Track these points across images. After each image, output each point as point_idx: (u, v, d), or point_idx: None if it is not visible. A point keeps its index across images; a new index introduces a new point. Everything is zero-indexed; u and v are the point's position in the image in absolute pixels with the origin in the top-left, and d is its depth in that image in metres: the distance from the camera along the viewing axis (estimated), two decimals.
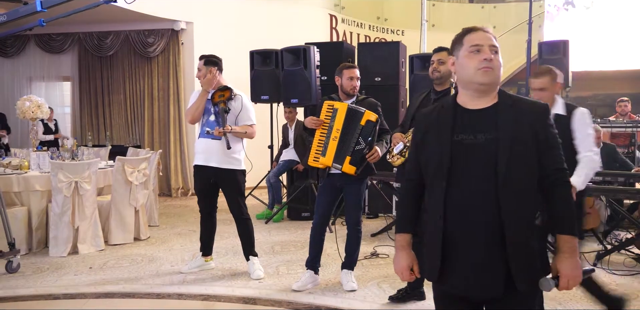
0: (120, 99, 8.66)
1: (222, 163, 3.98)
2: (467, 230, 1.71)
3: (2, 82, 9.08)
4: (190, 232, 5.70)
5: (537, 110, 1.76)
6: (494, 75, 1.74)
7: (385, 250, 4.85)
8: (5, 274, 4.14)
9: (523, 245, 1.69)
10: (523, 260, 1.69)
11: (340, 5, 10.68)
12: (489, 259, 1.70)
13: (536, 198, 1.76)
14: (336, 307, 3.50)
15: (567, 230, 1.74)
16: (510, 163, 1.67)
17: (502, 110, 1.74)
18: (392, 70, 6.60)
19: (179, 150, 8.46)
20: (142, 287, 3.89)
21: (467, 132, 1.75)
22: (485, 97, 1.77)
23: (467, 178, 1.72)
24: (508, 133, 1.70)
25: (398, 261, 1.93)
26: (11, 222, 4.31)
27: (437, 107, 1.89)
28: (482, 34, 1.77)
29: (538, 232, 1.77)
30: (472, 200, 1.71)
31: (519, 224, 1.68)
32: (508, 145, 1.68)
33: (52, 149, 5.44)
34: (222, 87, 4.02)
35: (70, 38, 8.60)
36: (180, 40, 8.34)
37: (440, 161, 1.75)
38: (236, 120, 4.00)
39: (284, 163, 6.68)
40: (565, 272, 1.71)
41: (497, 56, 1.75)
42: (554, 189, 1.76)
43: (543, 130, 1.73)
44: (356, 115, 3.56)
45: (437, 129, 1.81)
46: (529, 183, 1.72)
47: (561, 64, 6.79)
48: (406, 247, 1.92)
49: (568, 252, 1.72)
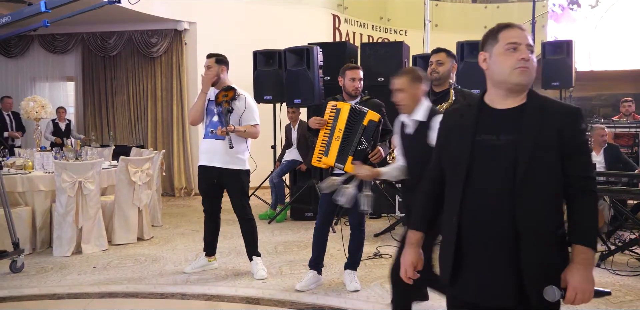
0: (123, 99, 8.68)
1: (226, 163, 3.99)
2: (481, 234, 1.67)
3: (6, 82, 9.10)
4: (194, 232, 5.71)
5: (567, 114, 1.66)
6: (530, 75, 1.67)
7: (389, 251, 4.85)
8: (9, 274, 4.15)
9: (539, 255, 1.62)
10: (538, 270, 1.62)
11: (343, 6, 10.68)
12: (500, 267, 1.64)
13: (558, 206, 1.68)
14: (339, 307, 3.50)
15: (583, 240, 1.64)
16: (530, 167, 1.61)
17: (528, 112, 1.67)
18: (395, 70, 6.40)
19: (182, 150, 8.47)
20: (145, 287, 3.90)
21: (490, 132, 1.69)
22: (515, 97, 1.71)
23: (485, 180, 1.67)
24: (531, 136, 1.63)
25: (404, 257, 1.90)
26: (15, 222, 4.32)
27: (463, 106, 1.84)
28: (519, 32, 1.70)
29: (560, 243, 1.69)
30: (488, 203, 1.66)
31: (535, 231, 1.62)
32: (529, 149, 1.62)
33: (55, 149, 5.46)
34: (226, 87, 4.03)
35: (73, 38, 8.62)
36: (184, 40, 8.36)
37: (459, 161, 1.71)
38: (240, 120, 4.00)
39: (287, 163, 6.69)
40: (574, 284, 1.60)
41: (532, 56, 1.69)
42: (577, 197, 1.67)
43: (571, 136, 1.64)
44: (359, 116, 3.56)
45: (460, 128, 1.76)
46: (550, 189, 1.65)
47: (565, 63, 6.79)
48: (415, 245, 1.89)
49: (581, 263, 1.62)
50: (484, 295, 1.69)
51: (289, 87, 6.17)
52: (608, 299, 3.61)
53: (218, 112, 4.00)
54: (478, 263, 1.68)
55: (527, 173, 1.61)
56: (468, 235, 1.69)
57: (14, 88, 9.04)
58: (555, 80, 6.86)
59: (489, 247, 1.66)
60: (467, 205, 1.69)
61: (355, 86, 3.72)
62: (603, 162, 5.79)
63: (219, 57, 4.08)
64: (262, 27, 8.68)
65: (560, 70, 6.80)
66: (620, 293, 3.76)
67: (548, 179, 1.64)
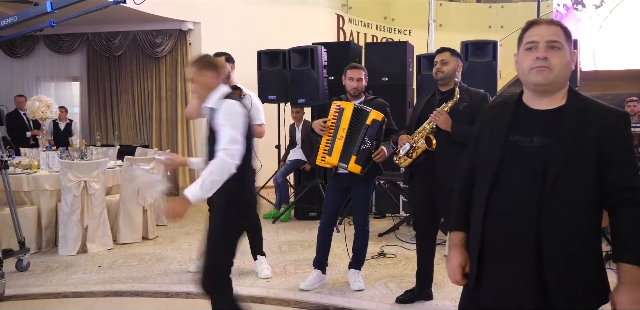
0: (128, 99, 8.70)
1: None
2: (505, 239, 1.60)
3: (11, 82, 9.14)
4: (198, 232, 5.72)
5: (610, 119, 1.55)
6: (550, 75, 1.57)
7: (392, 250, 4.86)
8: (15, 273, 4.17)
9: (564, 268, 1.54)
10: (562, 280, 1.53)
11: (347, 5, 10.69)
12: (522, 273, 1.58)
13: (592, 217, 1.58)
14: (343, 306, 3.51)
15: (628, 258, 1.53)
16: (562, 173, 1.52)
17: (567, 115, 1.57)
18: (399, 70, 6.60)
19: (187, 150, 8.49)
20: (150, 286, 3.91)
21: (524, 133, 1.61)
22: (548, 98, 1.62)
23: (514, 183, 1.59)
24: (567, 140, 1.53)
25: (449, 259, 1.82)
26: (21, 221, 4.34)
27: (500, 104, 1.75)
28: (541, 29, 1.60)
29: (595, 256, 1.60)
30: (514, 208, 1.58)
31: (562, 242, 1.53)
32: (564, 154, 1.52)
33: (61, 148, 5.48)
34: (232, 86, 4.04)
35: (79, 38, 8.65)
36: (188, 40, 8.37)
37: (488, 161, 1.65)
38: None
39: (291, 163, 6.70)
40: (621, 306, 1.50)
41: (558, 52, 1.57)
42: (618, 210, 1.55)
43: (612, 142, 1.53)
44: (362, 115, 3.56)
45: (493, 127, 1.69)
46: (582, 198, 1.54)
47: None
48: (458, 246, 1.81)
49: (628, 284, 1.51)
50: (504, 300, 1.63)
51: (293, 87, 6.18)
52: None
53: None
54: (500, 269, 1.63)
55: (558, 179, 1.52)
56: (491, 240, 1.64)
57: (19, 88, 9.07)
58: None
59: (512, 254, 1.59)
60: (493, 207, 1.63)
61: (354, 86, 3.71)
62: None
63: (227, 55, 4.10)
64: (266, 27, 8.70)
65: None
66: None
67: (581, 187, 1.55)
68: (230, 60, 4.09)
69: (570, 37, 1.63)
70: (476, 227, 1.68)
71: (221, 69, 2.74)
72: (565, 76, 1.62)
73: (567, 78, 1.64)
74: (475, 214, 1.70)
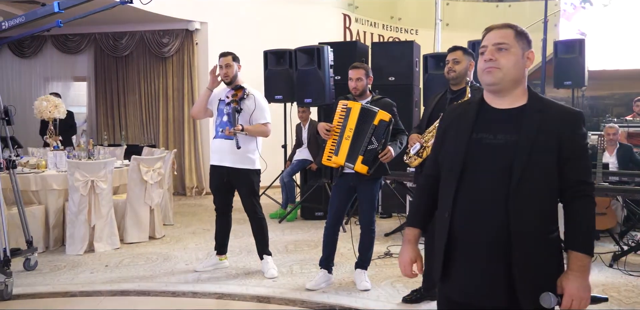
0: (135, 98, 8.73)
1: (235, 163, 4.01)
2: (472, 234, 1.65)
3: (19, 82, 9.20)
4: (205, 231, 5.74)
5: (567, 118, 1.66)
6: (499, 74, 1.66)
7: (399, 250, 4.84)
8: (23, 272, 4.20)
9: (531, 258, 1.60)
10: (530, 275, 1.59)
11: (353, 5, 10.67)
12: (490, 268, 1.63)
13: (553, 210, 1.67)
14: (350, 306, 3.51)
15: (579, 246, 1.63)
16: (526, 169, 1.59)
17: (528, 113, 1.66)
18: (406, 69, 6.58)
19: (194, 150, 8.51)
20: (157, 285, 3.92)
21: (488, 131, 1.68)
22: (507, 97, 1.70)
23: (480, 179, 1.65)
24: (529, 137, 1.61)
25: (401, 254, 1.90)
26: (29, 221, 4.36)
27: (464, 103, 1.83)
28: (491, 34, 1.71)
29: (554, 247, 1.67)
30: (481, 203, 1.64)
31: (528, 234, 1.60)
32: (527, 150, 1.60)
33: (68, 148, 5.50)
34: (236, 86, 4.05)
35: (86, 38, 8.69)
36: (195, 40, 8.39)
37: (455, 159, 1.70)
38: (250, 119, 4.01)
39: (298, 162, 6.70)
40: (571, 292, 1.59)
41: (506, 53, 1.67)
42: (573, 202, 1.66)
43: (570, 140, 1.63)
44: (369, 115, 3.56)
45: (458, 126, 1.76)
46: (545, 193, 1.63)
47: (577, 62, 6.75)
48: (412, 242, 1.89)
49: (577, 270, 1.61)
50: (473, 294, 1.67)
51: (300, 87, 6.17)
52: (621, 300, 3.59)
53: (227, 112, 4.02)
54: (468, 262, 1.67)
55: (523, 175, 1.59)
56: (459, 234, 1.68)
57: (27, 88, 9.14)
58: (568, 80, 6.81)
59: (480, 247, 1.64)
60: (460, 203, 1.68)
61: (352, 86, 3.71)
62: (616, 163, 5.74)
63: (233, 55, 4.10)
64: (272, 26, 8.70)
65: (573, 69, 6.76)
66: (633, 294, 3.73)
67: (544, 183, 1.63)
68: (237, 60, 4.10)
69: (524, 38, 1.70)
70: (443, 222, 1.72)
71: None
72: (515, 75, 1.68)
73: (519, 76, 1.70)
74: (442, 210, 1.75)
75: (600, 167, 4.69)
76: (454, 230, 1.69)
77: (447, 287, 1.75)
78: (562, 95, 8.31)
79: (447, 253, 1.71)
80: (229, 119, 4.00)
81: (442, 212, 1.74)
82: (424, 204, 1.90)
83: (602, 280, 3.99)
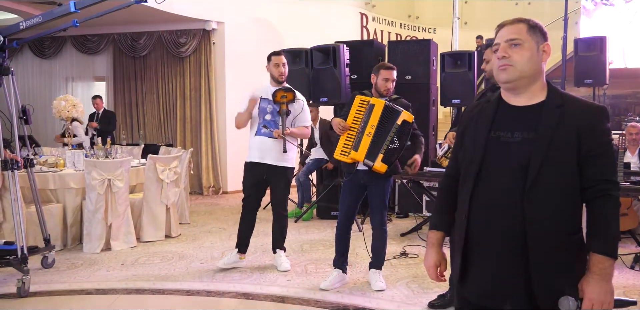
0: (153, 98, 8.79)
1: (277, 160, 4.09)
2: (489, 234, 1.62)
3: (40, 82, 9.33)
4: (220, 230, 5.75)
5: (589, 114, 1.59)
6: (513, 71, 1.61)
7: (415, 250, 4.80)
8: (40, 269, 4.24)
9: (548, 259, 1.55)
10: (549, 277, 1.54)
11: (371, 4, 10.63)
12: (508, 269, 1.59)
13: (574, 210, 1.60)
14: (364, 306, 3.48)
15: (600, 248, 1.55)
16: (543, 167, 1.54)
17: (547, 110, 1.60)
18: (423, 68, 6.53)
19: (210, 149, 8.54)
20: (172, 284, 3.93)
21: (505, 129, 1.64)
22: (523, 94, 1.65)
23: (497, 178, 1.61)
24: (547, 135, 1.56)
25: (426, 258, 1.85)
26: (47, 219, 4.42)
27: (482, 102, 1.80)
28: (503, 30, 1.67)
29: (576, 249, 1.60)
30: (497, 202, 1.60)
31: (545, 234, 1.54)
32: (544, 148, 1.55)
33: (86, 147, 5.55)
34: (285, 88, 4.06)
35: (105, 39, 8.78)
36: (212, 40, 8.42)
37: (472, 157, 1.67)
38: (294, 121, 4.12)
39: (313, 162, 6.68)
40: (591, 295, 1.53)
41: (519, 49, 1.62)
42: (595, 201, 1.58)
43: (592, 137, 1.56)
44: (393, 114, 3.52)
45: (476, 125, 1.72)
46: (563, 191, 1.57)
47: (598, 60, 6.63)
48: (436, 245, 1.83)
49: (598, 273, 1.54)
50: (490, 297, 1.64)
51: (316, 86, 6.16)
52: None
53: (272, 110, 4.07)
54: (486, 263, 1.64)
55: (540, 173, 1.55)
56: (476, 235, 1.65)
57: (47, 88, 9.26)
58: (589, 78, 6.70)
59: (497, 249, 1.60)
60: (477, 203, 1.64)
61: (388, 87, 3.68)
62: (638, 163, 5.62)
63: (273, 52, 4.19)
64: (289, 26, 8.70)
65: (594, 67, 6.64)
66: None
67: (562, 181, 1.57)
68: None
69: (538, 30, 1.65)
70: (461, 223, 1.69)
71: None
72: (531, 70, 1.63)
73: (535, 71, 1.64)
74: (460, 210, 1.72)
75: (622, 166, 4.60)
76: (471, 231, 1.66)
77: (465, 289, 1.72)
78: (582, 93, 8.16)
79: (465, 255, 1.68)
80: (272, 118, 4.07)
81: (460, 214, 1.72)
82: (445, 205, 1.85)
83: (622, 283, 3.91)
